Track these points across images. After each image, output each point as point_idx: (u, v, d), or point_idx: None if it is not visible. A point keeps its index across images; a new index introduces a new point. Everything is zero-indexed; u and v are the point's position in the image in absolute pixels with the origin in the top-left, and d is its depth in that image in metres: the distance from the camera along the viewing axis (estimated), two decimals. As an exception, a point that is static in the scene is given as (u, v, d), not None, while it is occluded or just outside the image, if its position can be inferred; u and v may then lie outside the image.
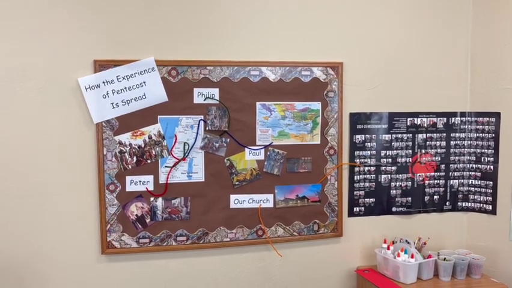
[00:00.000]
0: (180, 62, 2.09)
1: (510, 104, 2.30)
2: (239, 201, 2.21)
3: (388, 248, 2.23)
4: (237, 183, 2.19)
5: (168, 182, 2.11)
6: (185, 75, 2.10)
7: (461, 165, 2.47)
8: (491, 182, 2.39)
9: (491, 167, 2.39)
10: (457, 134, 2.45)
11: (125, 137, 2.07)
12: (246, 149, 2.20)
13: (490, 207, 2.40)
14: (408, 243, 2.24)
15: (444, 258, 2.21)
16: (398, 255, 2.15)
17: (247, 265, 2.25)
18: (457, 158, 2.46)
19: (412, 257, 2.13)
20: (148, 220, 2.11)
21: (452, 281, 2.18)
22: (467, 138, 2.45)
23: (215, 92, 2.14)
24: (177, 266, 2.16)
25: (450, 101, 2.43)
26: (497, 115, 2.36)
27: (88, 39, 1.99)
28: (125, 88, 2.05)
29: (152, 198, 2.11)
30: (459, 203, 2.48)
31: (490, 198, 2.40)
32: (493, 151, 2.38)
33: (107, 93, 2.03)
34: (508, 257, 2.33)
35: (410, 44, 2.37)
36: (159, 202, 2.12)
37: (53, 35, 1.96)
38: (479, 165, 2.43)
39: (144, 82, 2.06)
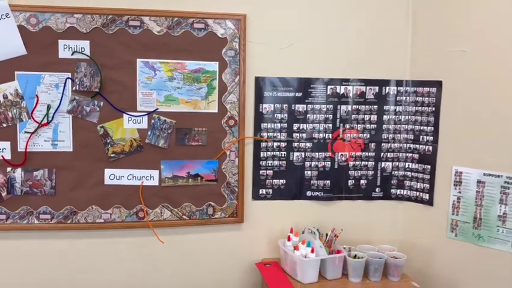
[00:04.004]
0: (41, 8, 1.75)
1: (453, 71, 1.87)
2: (116, 176, 1.87)
3: (289, 239, 1.86)
4: (112, 155, 1.86)
5: (28, 150, 1.80)
6: (48, 24, 1.76)
7: (396, 144, 2.05)
8: (429, 166, 1.98)
9: (430, 147, 1.97)
10: (391, 107, 2.03)
11: (-25, 96, 1.76)
12: (124, 115, 1.85)
13: (427, 196, 1.99)
14: (315, 233, 1.86)
15: (355, 256, 1.83)
16: (297, 247, 1.79)
17: (126, 252, 1.93)
18: (391, 136, 2.04)
19: (312, 251, 1.76)
20: (4, 194, 1.81)
21: (363, 283, 1.80)
22: (404, 112, 2.03)
23: (85, 45, 1.79)
24: (40, 247, 1.86)
25: (384, 66, 2.00)
26: (438, 84, 1.93)
27: None
28: (-27, 37, 1.73)
29: (9, 169, 1.80)
30: (392, 190, 2.08)
31: (428, 185, 1.99)
32: (432, 128, 1.96)
33: (-50, 42, 1.72)
34: (445, 257, 1.93)
35: (336, -5, 1.95)
36: (18, 173, 1.81)
37: None
38: (417, 146, 2.01)
39: (-3, 31, 1.74)
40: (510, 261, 1.73)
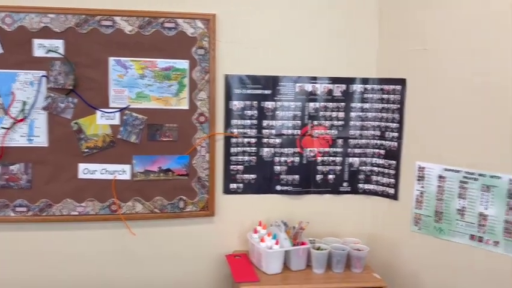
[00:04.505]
0: (16, 8, 1.82)
1: (417, 70, 1.93)
2: (89, 171, 1.94)
3: (255, 231, 1.92)
4: (86, 150, 1.93)
5: (5, 145, 1.87)
6: (23, 24, 1.83)
7: (363, 140, 2.11)
8: (394, 162, 2.04)
9: (395, 144, 2.03)
10: (358, 104, 2.09)
11: (-47, 93, 1.83)
12: (97, 111, 1.92)
13: (393, 190, 2.05)
14: (283, 226, 1.92)
15: (319, 248, 1.89)
16: (262, 240, 1.85)
17: (100, 243, 1.99)
18: (358, 132, 2.10)
19: (277, 243, 1.83)
20: (-19, 187, 1.89)
21: (325, 274, 1.87)
22: (370, 109, 2.09)
23: (59, 44, 1.86)
24: (17, 239, 1.93)
25: (351, 65, 2.06)
26: (402, 82, 1.99)
27: None
28: (-49, 36, 1.80)
29: (-14, 163, 1.88)
30: (360, 185, 2.14)
31: (393, 180, 2.05)
32: (397, 125, 2.02)
33: None
34: (408, 251, 1.99)
35: (303, -5, 2.01)
36: (-5, 168, 1.89)
37: None
38: (383, 142, 2.07)
39: (-26, 30, 1.81)
40: (468, 253, 1.78)
